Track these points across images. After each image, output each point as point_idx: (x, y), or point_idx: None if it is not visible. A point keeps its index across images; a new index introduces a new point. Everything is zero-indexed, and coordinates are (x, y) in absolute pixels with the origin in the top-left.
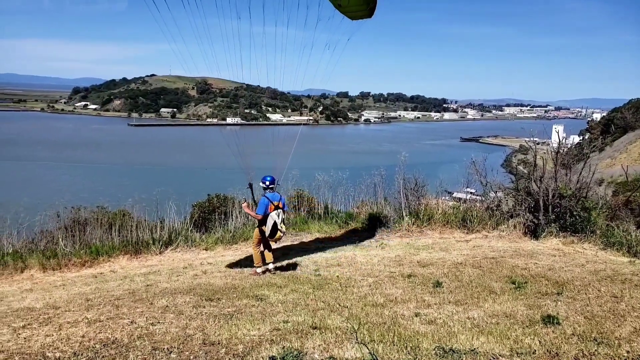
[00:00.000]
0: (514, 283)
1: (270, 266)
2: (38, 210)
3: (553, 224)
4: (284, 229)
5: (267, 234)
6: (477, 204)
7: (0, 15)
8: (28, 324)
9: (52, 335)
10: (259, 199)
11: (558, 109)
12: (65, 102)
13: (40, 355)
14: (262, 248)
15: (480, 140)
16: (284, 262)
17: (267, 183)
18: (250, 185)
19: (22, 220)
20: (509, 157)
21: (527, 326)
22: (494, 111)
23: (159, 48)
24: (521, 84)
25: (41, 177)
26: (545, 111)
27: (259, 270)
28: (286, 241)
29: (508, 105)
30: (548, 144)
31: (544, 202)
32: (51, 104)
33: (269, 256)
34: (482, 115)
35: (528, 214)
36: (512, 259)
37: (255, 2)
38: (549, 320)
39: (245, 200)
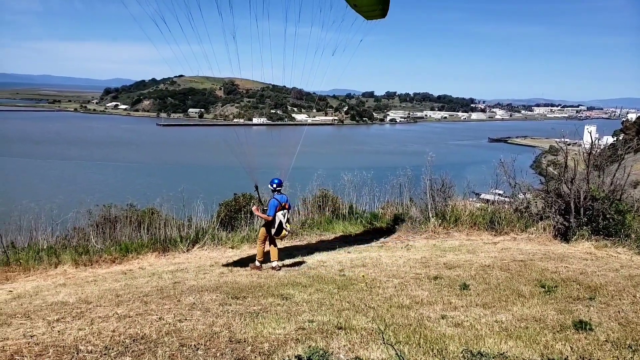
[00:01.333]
0: (543, 287)
1: (274, 264)
2: (71, 207)
3: (585, 227)
4: (289, 228)
5: (273, 232)
6: (506, 206)
7: (36, 17)
8: (62, 318)
9: (85, 329)
10: (267, 200)
11: (590, 109)
12: (97, 103)
13: (73, 349)
14: (267, 246)
15: (508, 141)
16: (309, 262)
17: (275, 185)
18: (257, 187)
19: (56, 217)
20: (538, 158)
21: (557, 331)
22: (523, 111)
23: (188, 49)
24: (552, 83)
25: (74, 175)
26: (577, 111)
27: (257, 263)
28: (311, 241)
29: (538, 105)
30: (579, 145)
31: (575, 204)
32: (84, 104)
33: (274, 253)
34: (510, 116)
35: (558, 216)
36: (542, 262)
37: (277, 3)
38: (581, 325)
39: (254, 204)
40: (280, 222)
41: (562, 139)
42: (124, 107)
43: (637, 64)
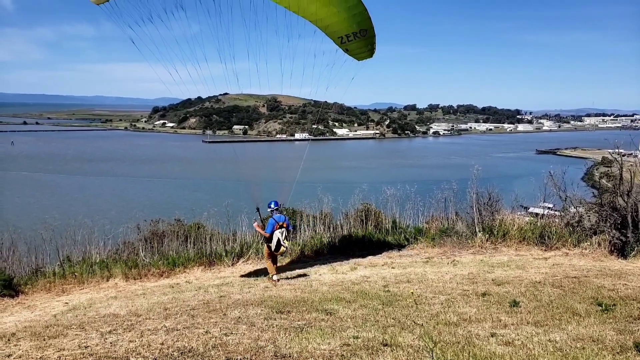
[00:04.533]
0: (600, 305)
1: (275, 277)
2: (121, 222)
3: None
4: (287, 245)
5: (272, 248)
6: (556, 220)
7: (89, 42)
8: (114, 330)
9: (135, 341)
10: (267, 220)
11: None
12: (145, 121)
13: None
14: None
15: (557, 153)
16: (352, 277)
17: (273, 206)
18: (258, 209)
19: (108, 232)
20: (590, 170)
21: (618, 352)
22: (572, 122)
23: (232, 67)
24: (603, 92)
25: (124, 191)
26: (632, 120)
27: (275, 277)
28: (353, 255)
29: (588, 115)
30: (636, 156)
31: (633, 218)
32: (133, 123)
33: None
34: (559, 127)
35: (614, 230)
36: (598, 279)
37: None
38: None
39: (255, 220)
40: (279, 240)
41: (616, 150)
42: (171, 125)
43: None
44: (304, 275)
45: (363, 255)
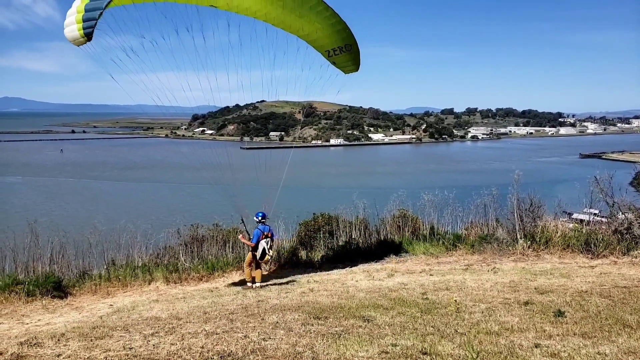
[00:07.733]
0: None
1: (257, 284)
2: (162, 227)
3: None
4: (272, 254)
5: (258, 257)
6: (603, 227)
7: (130, 53)
8: (156, 332)
9: (176, 344)
10: (252, 230)
11: None
12: (185, 129)
13: None
14: (254, 268)
15: (603, 157)
16: (389, 284)
17: (260, 218)
18: (242, 220)
19: (149, 237)
20: (639, 175)
21: None
22: (619, 124)
23: (269, 75)
24: None
25: (164, 197)
26: None
27: (249, 284)
28: (390, 262)
29: (637, 117)
30: None
31: None
32: (174, 130)
33: (258, 276)
34: (604, 129)
35: None
36: None
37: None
38: None
39: (240, 232)
40: (264, 249)
41: None
42: (210, 132)
43: None
44: (340, 281)
45: (400, 261)
